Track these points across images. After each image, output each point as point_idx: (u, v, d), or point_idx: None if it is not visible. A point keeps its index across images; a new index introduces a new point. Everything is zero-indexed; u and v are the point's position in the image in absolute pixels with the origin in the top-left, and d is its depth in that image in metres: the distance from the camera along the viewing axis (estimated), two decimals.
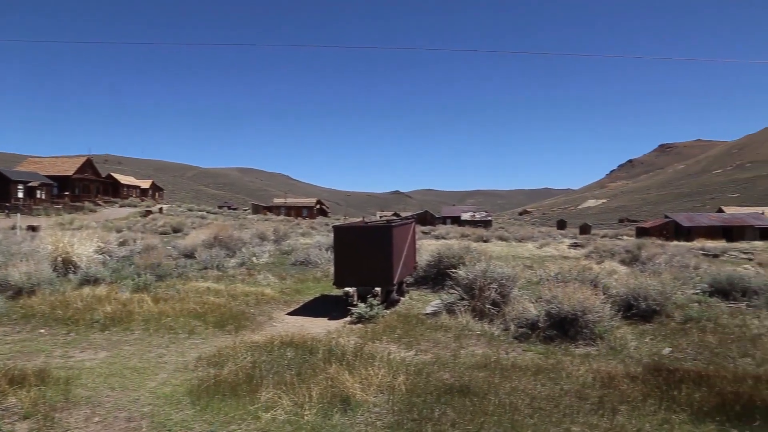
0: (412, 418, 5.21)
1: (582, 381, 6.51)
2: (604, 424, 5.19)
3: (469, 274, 10.48)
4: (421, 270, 14.69)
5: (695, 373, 6.66)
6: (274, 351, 7.48)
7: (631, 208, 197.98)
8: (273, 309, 11.44)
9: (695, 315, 10.26)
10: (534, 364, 7.27)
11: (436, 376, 6.54)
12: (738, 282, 12.71)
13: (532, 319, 9.09)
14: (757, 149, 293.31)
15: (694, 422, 5.29)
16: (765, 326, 9.82)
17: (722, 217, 77.44)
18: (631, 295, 10.48)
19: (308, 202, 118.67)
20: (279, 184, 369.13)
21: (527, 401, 5.73)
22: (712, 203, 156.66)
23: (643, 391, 6.08)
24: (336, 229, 12.21)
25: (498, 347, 8.26)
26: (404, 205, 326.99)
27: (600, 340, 8.51)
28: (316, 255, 18.80)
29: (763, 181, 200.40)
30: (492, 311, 9.81)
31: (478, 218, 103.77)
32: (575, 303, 8.72)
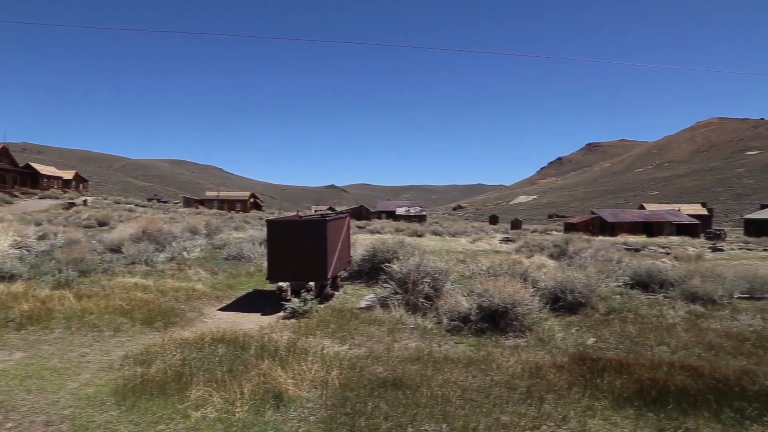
0: (346, 412, 5.21)
1: (511, 372, 6.70)
2: (531, 413, 5.35)
3: (403, 269, 10.57)
4: (355, 264, 14.70)
5: (616, 362, 6.98)
6: (205, 348, 7.30)
7: (559, 204, 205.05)
8: (204, 305, 11.16)
9: (617, 306, 10.76)
10: (466, 356, 7.42)
11: (370, 370, 6.56)
12: (656, 275, 13.41)
13: (464, 312, 9.27)
14: (674, 149, 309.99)
15: (615, 408, 5.55)
16: (679, 316, 10.42)
17: (643, 214, 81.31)
18: (559, 288, 10.87)
19: (242, 195, 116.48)
20: (212, 176, 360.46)
21: (459, 392, 5.84)
22: (634, 200, 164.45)
23: (569, 380, 6.31)
24: (269, 223, 12.04)
25: (431, 340, 8.38)
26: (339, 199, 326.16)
27: (529, 332, 8.78)
28: (250, 249, 18.48)
29: (679, 179, 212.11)
30: (425, 305, 9.94)
31: (412, 213, 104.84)
32: (506, 296, 8.95)
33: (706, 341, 8.61)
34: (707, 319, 10.26)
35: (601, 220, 75.76)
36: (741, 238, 59.55)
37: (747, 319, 10.09)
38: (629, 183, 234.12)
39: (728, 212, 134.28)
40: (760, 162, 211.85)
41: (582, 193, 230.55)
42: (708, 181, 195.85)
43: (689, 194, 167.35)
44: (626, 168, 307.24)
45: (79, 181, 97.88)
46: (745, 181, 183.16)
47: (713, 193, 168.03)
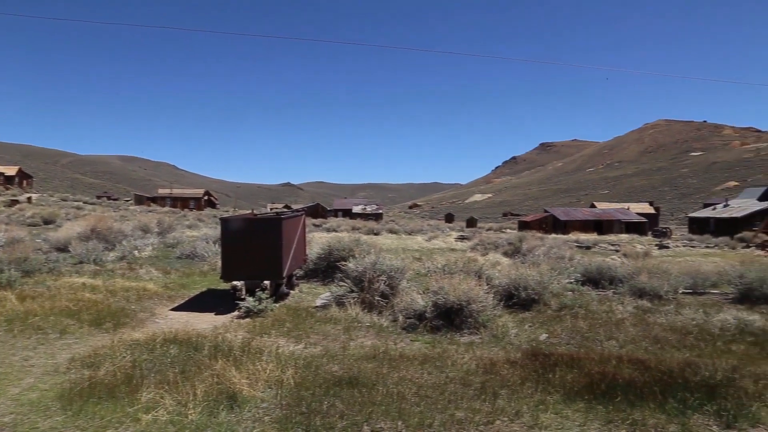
0: (301, 411, 5.17)
1: (466, 368, 6.78)
2: (485, 408, 5.43)
3: (359, 267, 10.57)
4: (311, 263, 14.62)
5: (568, 357, 7.16)
6: (157, 349, 7.14)
7: (514, 202, 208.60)
8: (156, 305, 10.90)
9: (569, 303, 11.03)
10: (421, 353, 7.47)
11: (326, 369, 6.54)
12: (606, 271, 13.80)
13: (420, 309, 9.34)
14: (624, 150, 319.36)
15: (566, 402, 5.68)
16: (628, 311, 10.75)
17: (594, 212, 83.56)
18: (513, 285, 11.06)
19: (196, 193, 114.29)
20: (164, 174, 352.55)
21: (414, 390, 5.87)
22: (585, 199, 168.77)
23: (522, 375, 6.43)
24: (224, 221, 11.85)
25: (387, 338, 8.41)
26: (296, 197, 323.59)
27: (483, 329, 8.91)
28: (203, 248, 18.15)
29: (628, 179, 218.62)
30: (381, 303, 9.97)
31: (369, 211, 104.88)
32: (461, 294, 9.05)
33: (653, 335, 8.92)
34: (654, 313, 10.61)
35: (554, 218, 77.44)
36: (685, 236, 61.90)
37: (690, 314, 10.47)
38: (581, 182, 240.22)
39: (674, 211, 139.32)
40: (702, 163, 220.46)
41: (536, 192, 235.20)
42: (655, 181, 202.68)
43: (637, 193, 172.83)
44: (578, 167, 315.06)
45: (22, 177, 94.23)
46: (689, 181, 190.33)
47: (660, 193, 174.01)
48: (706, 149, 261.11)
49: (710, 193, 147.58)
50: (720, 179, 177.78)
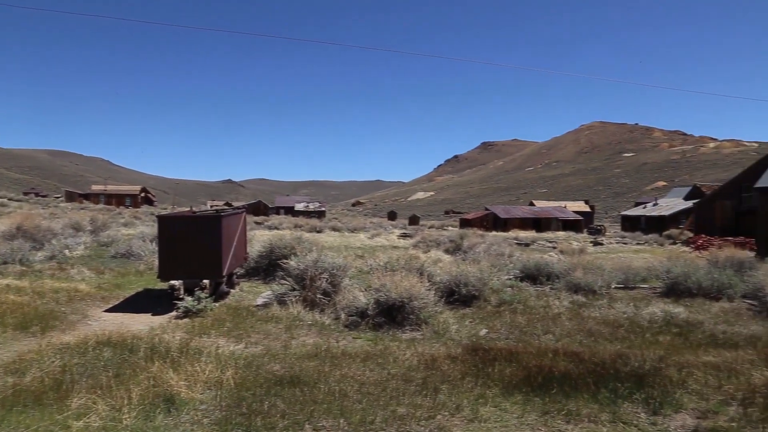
0: (241, 412, 5.09)
1: (408, 364, 6.84)
2: (427, 403, 5.49)
3: (301, 265, 10.49)
4: (252, 261, 14.39)
5: (506, 351, 7.33)
6: (89, 352, 6.86)
7: (456, 200, 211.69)
8: (88, 306, 10.47)
9: (508, 298, 11.29)
10: (363, 350, 7.48)
11: (267, 368, 6.46)
12: (544, 268, 14.19)
13: (362, 307, 9.35)
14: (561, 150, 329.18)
15: (505, 395, 5.82)
16: (564, 306, 11.11)
17: (533, 210, 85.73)
18: (454, 282, 11.22)
19: (132, 189, 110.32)
20: (98, 169, 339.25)
21: (356, 387, 5.87)
22: (525, 197, 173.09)
23: (462, 370, 6.54)
24: (161, 219, 11.50)
25: (329, 336, 8.38)
26: (237, 194, 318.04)
27: (425, 325, 9.01)
28: (140, 247, 17.57)
29: (565, 178, 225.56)
30: (323, 301, 9.92)
31: (311, 209, 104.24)
32: (402, 291, 9.12)
33: (587, 328, 9.24)
34: (588, 308, 11.00)
35: (495, 216, 78.98)
36: (618, 233, 64.46)
37: (622, 307, 10.92)
38: (520, 181, 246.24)
39: (608, 209, 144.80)
40: (634, 163, 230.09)
41: (477, 190, 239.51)
42: (590, 180, 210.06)
43: (574, 192, 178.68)
44: (518, 166, 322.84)
45: None
46: (622, 181, 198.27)
47: (595, 191, 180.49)
48: (638, 150, 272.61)
49: (641, 193, 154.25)
50: (650, 179, 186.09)
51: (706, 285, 12.30)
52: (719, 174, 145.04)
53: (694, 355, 7.49)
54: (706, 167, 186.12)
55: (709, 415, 5.40)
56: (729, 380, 6.33)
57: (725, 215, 48.53)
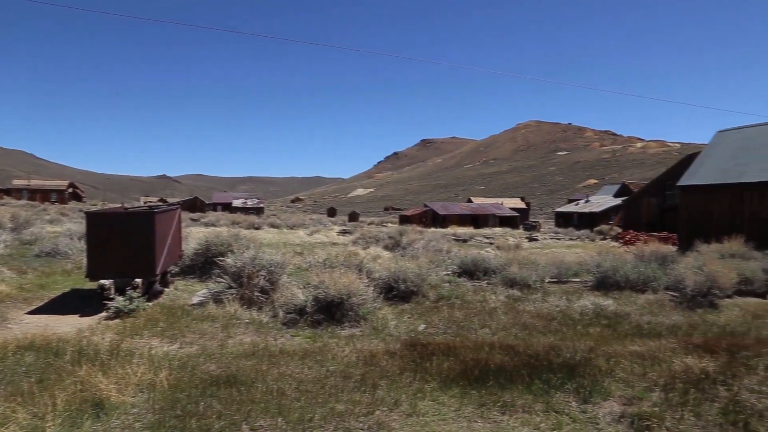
0: (175, 414, 4.94)
1: (347, 361, 6.83)
2: (365, 400, 5.50)
3: (238, 262, 10.30)
4: (187, 259, 14.01)
5: (444, 346, 7.43)
6: (8, 357, 6.48)
7: (395, 197, 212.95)
8: (8, 308, 9.89)
9: (446, 294, 11.46)
10: (302, 348, 7.43)
11: (202, 369, 6.31)
12: (481, 263, 14.46)
13: (301, 304, 9.27)
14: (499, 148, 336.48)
15: (443, 389, 5.90)
16: (500, 300, 11.36)
17: (471, 207, 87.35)
18: (392, 278, 11.29)
19: (58, 184, 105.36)
20: (20, 163, 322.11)
21: (295, 385, 5.82)
22: (463, 194, 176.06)
23: (401, 366, 6.59)
24: (89, 216, 11.02)
25: (267, 334, 8.27)
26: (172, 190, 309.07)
27: (364, 321, 9.03)
28: (67, 245, 16.79)
29: (503, 175, 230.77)
30: (261, 299, 9.78)
31: (250, 205, 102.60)
32: (341, 287, 9.10)
33: (522, 322, 9.49)
34: (523, 302, 11.30)
35: (434, 212, 79.99)
36: (552, 229, 66.51)
37: (555, 301, 11.28)
38: (459, 178, 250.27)
39: (542, 206, 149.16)
40: (567, 161, 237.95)
41: (416, 187, 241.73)
42: (526, 178, 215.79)
43: (510, 189, 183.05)
44: (456, 164, 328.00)
45: None
46: (556, 178, 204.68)
47: (530, 189, 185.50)
48: (571, 149, 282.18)
49: (574, 190, 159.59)
50: (582, 177, 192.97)
51: (633, 278, 12.86)
52: (646, 173, 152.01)
53: (621, 345, 7.82)
54: (634, 166, 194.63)
55: (634, 401, 5.66)
56: (652, 368, 6.65)
57: (651, 212, 50.91)
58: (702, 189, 26.55)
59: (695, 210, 26.74)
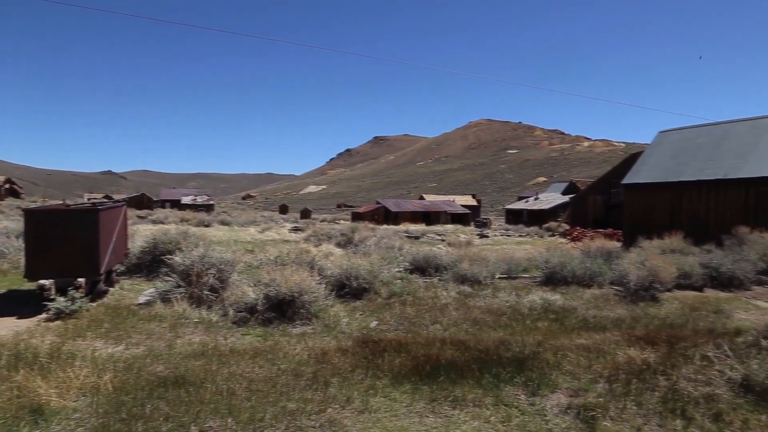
0: (120, 418, 4.80)
1: (298, 359, 6.77)
2: (317, 397, 5.48)
3: (187, 260, 10.06)
4: (134, 257, 13.61)
5: (396, 342, 7.46)
6: None
7: (348, 194, 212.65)
8: None
9: (398, 290, 11.50)
10: (252, 347, 7.32)
11: (149, 370, 6.14)
12: (432, 260, 14.58)
13: (251, 302, 9.15)
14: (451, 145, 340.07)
15: (394, 385, 5.93)
16: (451, 296, 11.48)
17: (423, 204, 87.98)
18: (344, 275, 11.26)
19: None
20: None
21: (245, 384, 5.74)
22: (415, 191, 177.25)
23: (353, 363, 6.58)
24: (28, 213, 10.56)
25: (216, 333, 8.11)
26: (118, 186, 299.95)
27: (316, 319, 8.97)
28: (3, 243, 16.03)
29: (454, 173, 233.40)
30: (210, 297, 9.59)
31: (199, 202, 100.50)
32: (293, 285, 9.01)
33: (473, 317, 9.62)
34: (474, 297, 11.45)
35: (386, 209, 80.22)
36: (503, 226, 67.74)
37: (505, 296, 11.47)
38: (411, 175, 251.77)
39: (493, 203, 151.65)
40: (517, 159, 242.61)
41: (369, 184, 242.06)
42: (477, 175, 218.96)
43: (462, 186, 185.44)
44: (409, 161, 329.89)
45: None
46: (507, 176, 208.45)
47: (481, 186, 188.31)
48: (521, 148, 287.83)
49: (524, 187, 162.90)
50: (532, 175, 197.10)
51: (579, 273, 13.21)
52: (592, 171, 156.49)
53: (568, 339, 8.02)
54: (581, 164, 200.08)
55: (580, 393, 5.82)
56: (597, 360, 6.85)
57: (597, 209, 52.45)
58: (644, 187, 27.51)
59: (638, 207, 27.68)
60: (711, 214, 24.14)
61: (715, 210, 24.08)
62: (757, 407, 5.73)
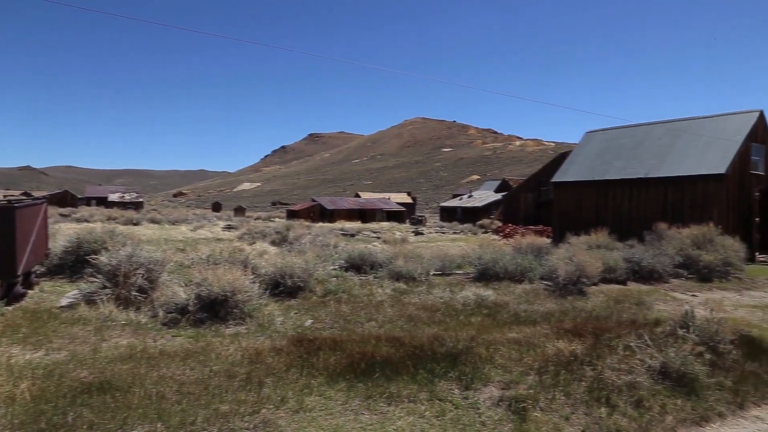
0: (39, 428, 4.55)
1: (231, 360, 6.63)
2: (251, 398, 5.38)
3: (113, 260, 9.65)
4: (55, 258, 12.93)
5: (331, 340, 7.43)
6: None
7: (283, 191, 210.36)
8: None
9: (333, 288, 11.46)
10: (183, 349, 7.11)
11: (72, 376, 5.84)
12: (368, 257, 14.61)
13: (182, 303, 8.88)
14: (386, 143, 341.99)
15: (329, 383, 5.90)
16: (387, 293, 11.53)
17: (359, 202, 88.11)
18: (279, 273, 11.11)
19: None
20: None
21: (176, 388, 5.56)
22: (351, 189, 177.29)
23: (287, 362, 6.50)
24: None
25: (145, 336, 7.82)
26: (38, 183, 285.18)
27: (250, 319, 8.81)
28: None
29: (390, 171, 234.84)
30: (139, 298, 9.24)
31: (128, 199, 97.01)
32: (225, 284, 8.82)
33: (407, 314, 9.70)
34: (409, 294, 11.55)
35: (321, 207, 79.82)
36: (438, 223, 68.77)
37: (439, 293, 11.64)
38: (347, 173, 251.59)
39: (428, 201, 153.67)
40: (452, 158, 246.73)
41: (304, 182, 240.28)
42: (413, 173, 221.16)
43: (397, 184, 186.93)
44: (344, 158, 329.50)
45: None
46: (441, 174, 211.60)
47: (416, 184, 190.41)
48: (455, 146, 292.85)
49: (458, 185, 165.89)
50: (465, 173, 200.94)
51: (511, 269, 13.56)
52: (524, 169, 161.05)
53: (500, 333, 8.21)
54: (513, 163, 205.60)
55: (511, 385, 5.99)
56: (528, 353, 7.06)
57: (528, 206, 54.04)
58: (572, 185, 28.57)
59: (567, 205, 28.74)
60: (634, 212, 25.37)
61: (637, 207, 25.32)
62: (673, 392, 6.08)
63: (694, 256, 15.82)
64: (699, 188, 23.25)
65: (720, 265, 15.64)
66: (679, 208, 23.52)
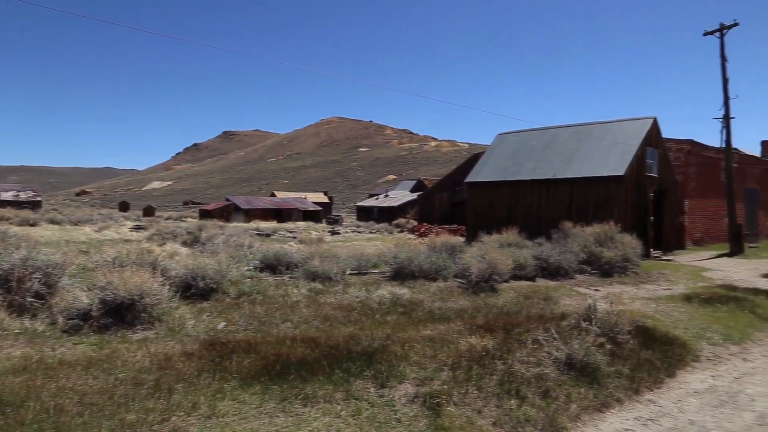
0: None
1: (139, 367, 6.33)
2: (160, 406, 5.17)
3: (5, 264, 8.98)
4: None
5: (245, 343, 7.25)
6: None
7: (195, 190, 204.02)
8: None
9: (247, 289, 11.20)
10: (86, 357, 6.71)
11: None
12: (283, 257, 14.39)
13: (85, 308, 8.38)
14: (302, 142, 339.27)
15: (243, 387, 5.76)
16: (302, 294, 11.42)
17: (274, 201, 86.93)
18: (190, 275, 10.73)
19: None
20: None
21: (77, 399, 5.24)
22: (267, 188, 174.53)
23: (198, 367, 6.29)
24: None
25: (42, 345, 7.32)
26: None
27: (159, 323, 8.46)
28: None
29: (306, 170, 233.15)
30: (35, 305, 8.64)
31: (23, 198, 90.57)
32: (132, 287, 8.41)
33: (323, 314, 9.64)
34: (325, 294, 11.48)
35: (236, 206, 78.10)
36: (354, 223, 68.95)
37: (355, 292, 11.65)
38: (262, 172, 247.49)
39: (345, 200, 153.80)
40: (368, 157, 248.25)
41: (218, 180, 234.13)
42: (329, 173, 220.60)
43: (314, 184, 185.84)
44: (260, 157, 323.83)
45: None
46: (358, 174, 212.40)
47: (333, 183, 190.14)
48: (372, 146, 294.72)
49: (374, 185, 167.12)
50: (382, 173, 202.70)
51: (426, 268, 13.78)
52: (439, 169, 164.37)
53: (415, 331, 8.33)
54: (429, 163, 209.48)
55: (426, 381, 6.09)
56: (442, 349, 7.21)
57: (443, 206, 55.29)
58: (485, 185, 29.49)
59: (480, 204, 29.61)
60: (542, 211, 26.53)
61: (545, 207, 26.50)
62: (577, 382, 6.42)
63: (597, 253, 16.72)
64: (601, 189, 24.63)
65: (620, 261, 16.63)
66: (584, 207, 24.81)
